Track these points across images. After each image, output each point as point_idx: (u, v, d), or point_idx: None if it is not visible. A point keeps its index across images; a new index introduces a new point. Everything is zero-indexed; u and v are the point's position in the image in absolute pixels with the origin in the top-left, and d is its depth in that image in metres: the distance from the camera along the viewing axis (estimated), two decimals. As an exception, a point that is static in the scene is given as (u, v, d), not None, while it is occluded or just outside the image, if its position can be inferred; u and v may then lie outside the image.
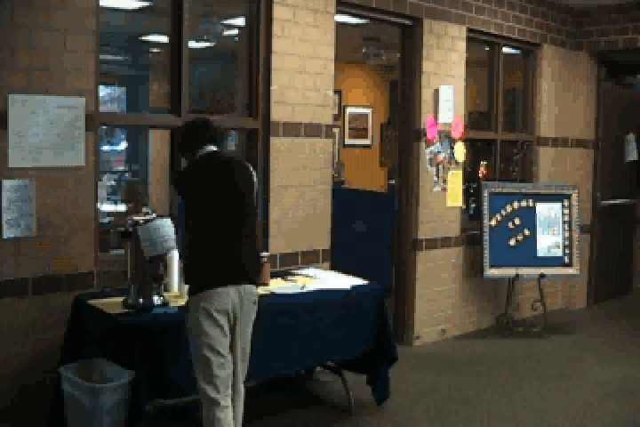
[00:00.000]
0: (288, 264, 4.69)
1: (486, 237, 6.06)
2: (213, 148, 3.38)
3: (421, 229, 5.69)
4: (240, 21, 5.31)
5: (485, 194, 6.13)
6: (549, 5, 6.74)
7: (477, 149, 6.64)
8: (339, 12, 5.00)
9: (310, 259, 4.84)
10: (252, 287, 3.31)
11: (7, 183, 3.49)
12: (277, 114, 4.62)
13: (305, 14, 4.72)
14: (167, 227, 3.45)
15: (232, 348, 3.28)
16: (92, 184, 3.82)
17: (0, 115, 3.47)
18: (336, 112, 8.84)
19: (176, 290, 3.83)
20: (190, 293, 3.22)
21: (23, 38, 3.51)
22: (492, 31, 6.19)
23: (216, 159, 3.38)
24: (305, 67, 4.75)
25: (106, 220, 5.71)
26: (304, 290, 4.04)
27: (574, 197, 6.43)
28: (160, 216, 3.52)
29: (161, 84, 7.21)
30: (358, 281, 4.33)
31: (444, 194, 5.84)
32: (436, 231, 5.81)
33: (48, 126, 3.60)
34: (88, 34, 3.73)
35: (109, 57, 7.81)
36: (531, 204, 6.30)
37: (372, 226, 7.07)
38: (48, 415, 3.47)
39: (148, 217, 3.47)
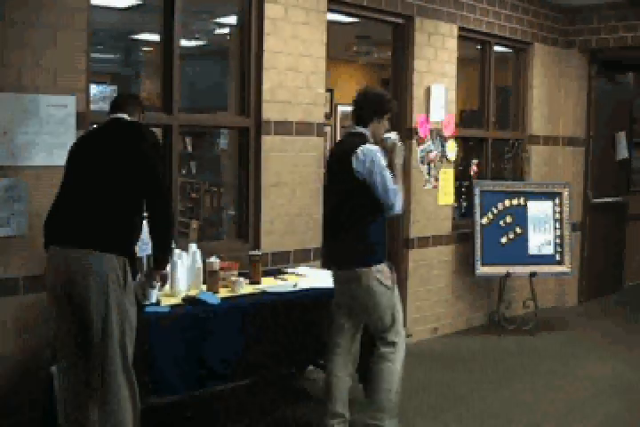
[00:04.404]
0: (280, 263, 4.68)
1: (478, 235, 6.07)
2: None
3: (413, 227, 5.69)
4: (232, 20, 5.30)
5: (477, 192, 6.13)
6: (541, 4, 6.75)
7: (469, 148, 6.65)
8: (330, 10, 4.99)
9: (302, 257, 4.84)
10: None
11: (-3, 182, 3.48)
12: (269, 112, 4.62)
13: (297, 12, 4.71)
14: None
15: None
16: (84, 183, 3.80)
17: (-10, 113, 3.46)
18: (328, 110, 8.83)
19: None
20: None
21: (14, 36, 3.49)
22: (484, 30, 6.21)
23: None
24: (297, 65, 4.75)
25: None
26: (296, 288, 4.05)
27: (565, 194, 6.44)
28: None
29: (152, 82, 7.20)
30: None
31: (436, 192, 5.85)
32: (428, 229, 5.82)
33: (39, 125, 3.58)
34: (79, 32, 3.71)
35: (101, 55, 7.79)
36: (522, 202, 6.31)
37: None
38: (41, 415, 3.46)
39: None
